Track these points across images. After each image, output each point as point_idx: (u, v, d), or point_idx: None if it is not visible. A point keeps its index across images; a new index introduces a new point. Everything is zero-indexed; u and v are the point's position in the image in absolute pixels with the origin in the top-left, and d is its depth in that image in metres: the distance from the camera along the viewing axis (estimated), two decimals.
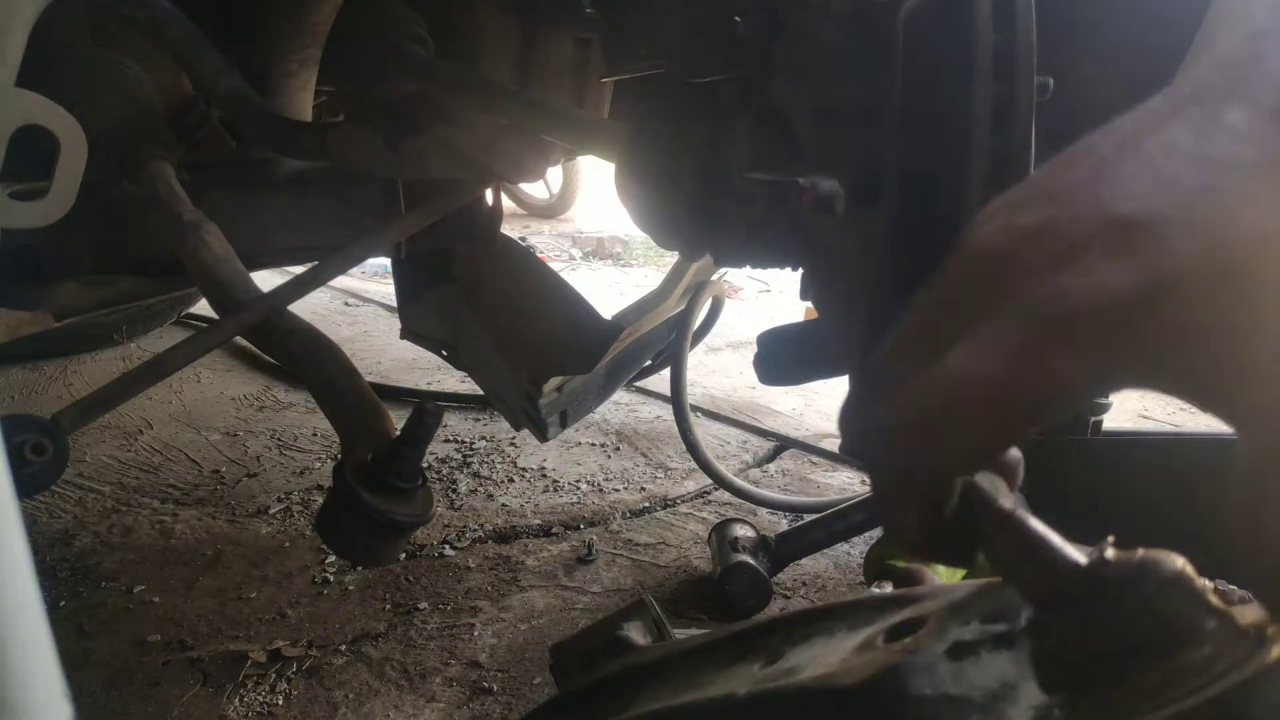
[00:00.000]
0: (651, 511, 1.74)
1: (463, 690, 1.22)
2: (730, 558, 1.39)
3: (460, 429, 2.13)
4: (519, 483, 1.85)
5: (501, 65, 1.19)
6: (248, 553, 1.55)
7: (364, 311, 3.30)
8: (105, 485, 1.80)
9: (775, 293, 3.75)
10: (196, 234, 0.92)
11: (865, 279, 0.62)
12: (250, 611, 1.38)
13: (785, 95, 0.70)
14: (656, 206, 0.79)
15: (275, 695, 1.20)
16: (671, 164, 0.76)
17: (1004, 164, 0.51)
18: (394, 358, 2.69)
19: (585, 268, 4.55)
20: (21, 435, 0.74)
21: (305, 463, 1.93)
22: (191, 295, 2.58)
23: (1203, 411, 0.29)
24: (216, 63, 1.00)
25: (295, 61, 1.12)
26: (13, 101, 0.68)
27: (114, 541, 1.59)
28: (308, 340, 0.88)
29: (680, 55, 0.77)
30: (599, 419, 2.18)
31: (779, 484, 1.89)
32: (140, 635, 1.32)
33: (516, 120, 1.00)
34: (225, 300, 0.89)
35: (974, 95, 0.50)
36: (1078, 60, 0.64)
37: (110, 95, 1.01)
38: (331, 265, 1.11)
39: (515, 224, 5.58)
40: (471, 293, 1.50)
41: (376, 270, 3.72)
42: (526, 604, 1.42)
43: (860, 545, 1.54)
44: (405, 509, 0.76)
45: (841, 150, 0.65)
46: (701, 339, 1.91)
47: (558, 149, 1.10)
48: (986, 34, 0.51)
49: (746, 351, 2.78)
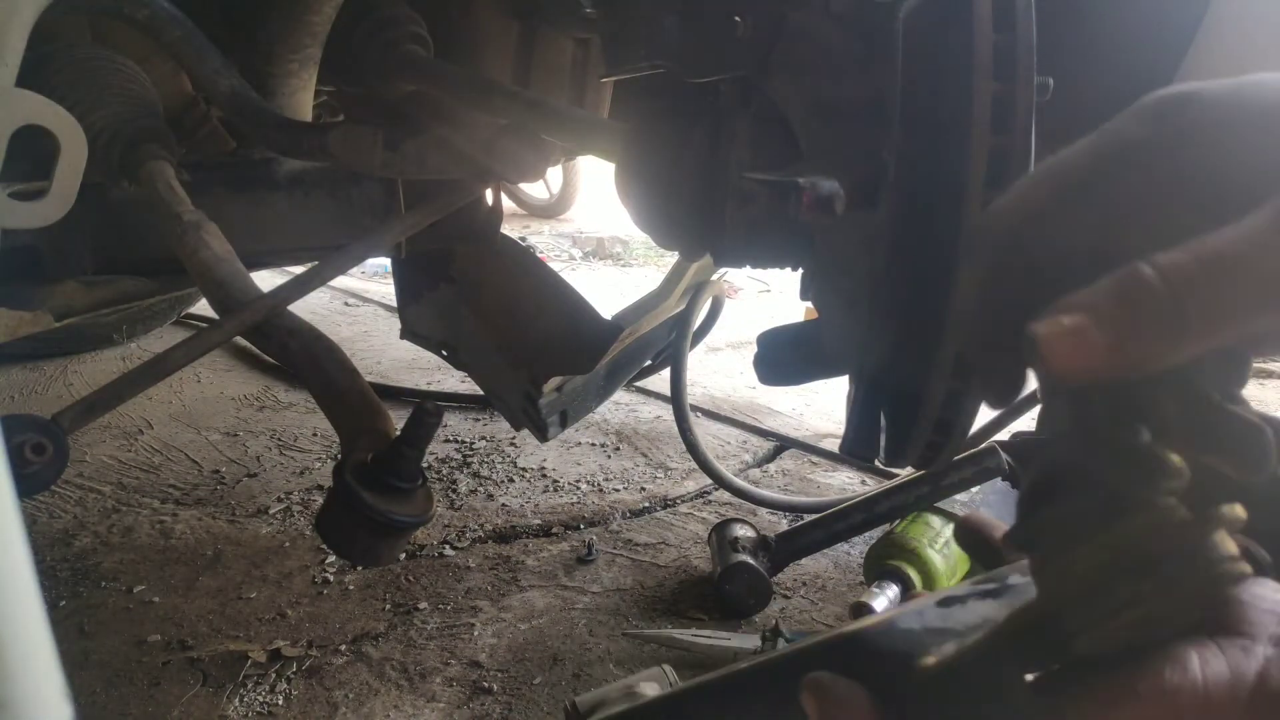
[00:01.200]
0: (651, 511, 1.74)
1: (463, 690, 1.22)
2: (730, 558, 1.39)
3: (460, 429, 2.13)
4: (519, 483, 1.85)
5: (501, 65, 1.19)
6: (248, 553, 1.55)
7: (364, 311, 3.30)
8: (105, 485, 1.80)
9: (775, 293, 3.75)
10: (196, 234, 0.92)
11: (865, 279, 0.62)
12: (250, 611, 1.38)
13: (785, 95, 0.70)
14: (656, 206, 0.79)
15: (275, 695, 1.20)
16: (671, 164, 0.76)
17: (1004, 164, 0.51)
18: (394, 358, 2.69)
19: (585, 268, 4.55)
20: (21, 435, 0.74)
21: (305, 463, 1.93)
22: (191, 295, 2.58)
23: None
24: (216, 63, 1.00)
25: (295, 61, 1.12)
26: (13, 101, 0.68)
27: (114, 541, 1.59)
28: (308, 340, 0.88)
29: (680, 55, 0.77)
30: (599, 419, 2.18)
31: (779, 484, 1.89)
32: (140, 635, 1.32)
33: (516, 120, 1.00)
34: (225, 300, 0.88)
35: (974, 95, 0.50)
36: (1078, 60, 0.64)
37: (110, 95, 1.01)
38: (331, 265, 1.11)
39: (515, 224, 5.58)
40: (471, 293, 1.50)
41: (376, 270, 3.72)
42: (526, 604, 1.42)
43: (860, 545, 1.54)
44: (405, 509, 0.76)
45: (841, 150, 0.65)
46: (701, 339, 1.91)
47: (558, 149, 1.10)
48: (986, 34, 0.51)
49: (746, 351, 2.78)
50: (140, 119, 1.02)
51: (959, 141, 0.51)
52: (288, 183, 1.26)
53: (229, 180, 1.24)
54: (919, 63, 0.55)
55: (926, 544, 1.33)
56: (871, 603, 1.27)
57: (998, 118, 0.50)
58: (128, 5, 0.95)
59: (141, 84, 1.06)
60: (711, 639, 1.26)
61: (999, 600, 0.36)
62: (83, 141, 0.75)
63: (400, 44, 1.11)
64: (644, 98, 1.20)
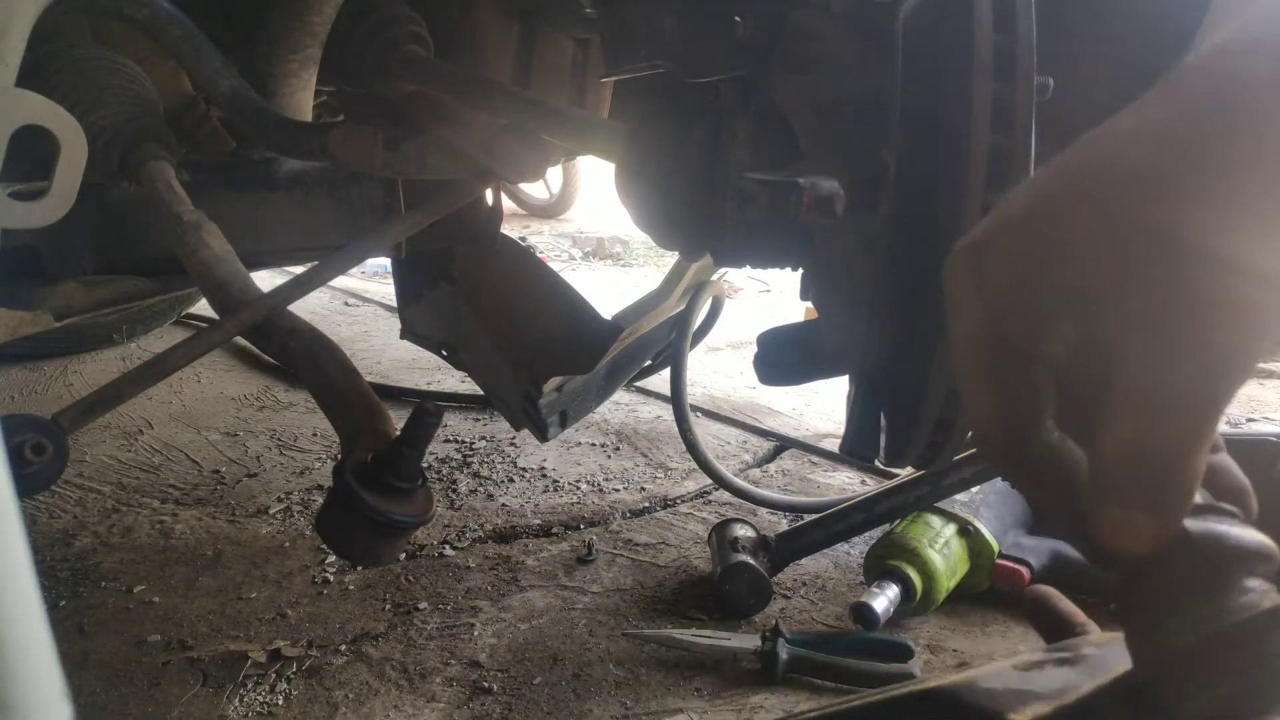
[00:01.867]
0: (651, 511, 1.74)
1: (463, 690, 1.22)
2: (730, 558, 1.38)
3: (460, 429, 2.13)
4: (519, 483, 1.85)
5: (501, 65, 1.19)
6: (248, 553, 1.55)
7: (364, 311, 3.30)
8: (105, 485, 1.80)
9: (775, 293, 3.75)
10: (196, 234, 0.92)
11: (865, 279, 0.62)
12: (250, 611, 1.38)
13: (785, 95, 0.70)
14: (656, 206, 0.79)
15: (275, 695, 1.20)
16: (671, 164, 0.76)
17: (1004, 164, 0.51)
18: (394, 358, 2.69)
19: (585, 268, 4.55)
20: (21, 435, 0.74)
21: (305, 463, 1.93)
22: (191, 295, 2.58)
23: None
24: (216, 63, 1.00)
25: (295, 61, 1.12)
26: (13, 101, 0.68)
27: (114, 541, 1.59)
28: (308, 340, 0.88)
29: (680, 55, 0.77)
30: (599, 419, 2.18)
31: (779, 484, 1.89)
32: (140, 635, 1.32)
33: (516, 120, 1.00)
34: (225, 300, 0.88)
35: (974, 95, 0.50)
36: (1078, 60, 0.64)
37: (110, 95, 1.01)
38: (331, 265, 1.11)
39: (515, 224, 5.57)
40: (471, 293, 1.50)
41: (376, 270, 3.72)
42: (526, 604, 1.42)
43: (860, 545, 1.54)
44: (405, 509, 0.76)
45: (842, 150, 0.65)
46: (701, 339, 1.91)
47: (558, 149, 1.10)
48: (986, 34, 0.51)
49: (746, 351, 2.77)
50: (140, 119, 1.02)
51: (959, 141, 0.51)
52: (288, 183, 1.26)
53: (229, 180, 1.24)
54: (919, 63, 0.55)
55: (926, 544, 1.33)
56: (871, 603, 1.27)
57: (998, 118, 0.50)
58: (128, 5, 0.95)
59: (141, 84, 1.06)
60: (711, 639, 1.26)
61: (1076, 668, 0.37)
62: (83, 141, 0.74)
63: (400, 44, 1.11)
64: (644, 98, 1.20)
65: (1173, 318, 0.30)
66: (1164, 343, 0.30)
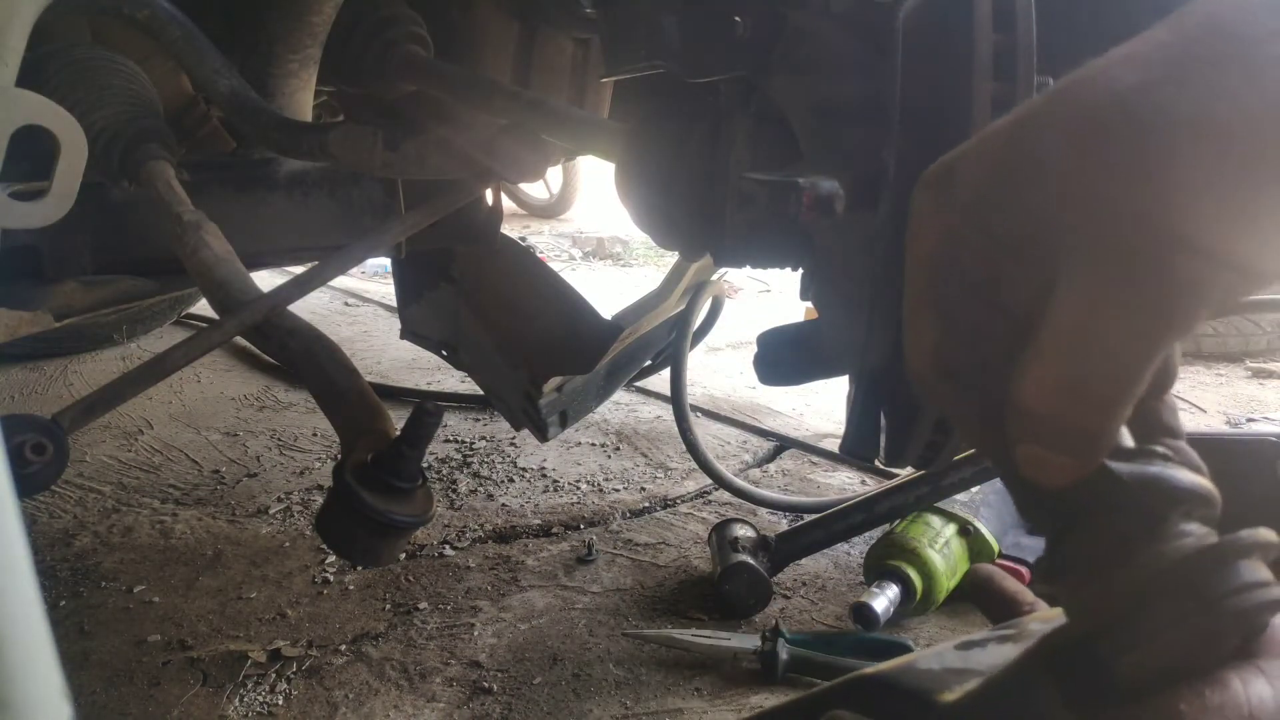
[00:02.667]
0: (651, 511, 1.74)
1: (463, 690, 1.22)
2: (730, 558, 1.38)
3: (460, 429, 2.13)
4: (519, 483, 1.85)
5: (501, 65, 1.19)
6: (248, 553, 1.55)
7: (364, 311, 3.30)
8: (105, 485, 1.80)
9: (775, 293, 3.75)
10: (196, 234, 0.92)
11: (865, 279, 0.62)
12: (250, 611, 1.38)
13: (785, 95, 0.70)
14: (656, 206, 0.79)
15: (275, 695, 1.20)
16: (671, 164, 0.76)
17: None
18: (394, 358, 2.69)
19: (585, 268, 4.55)
20: (21, 435, 0.74)
21: (305, 463, 1.93)
22: (191, 295, 2.58)
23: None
24: (216, 63, 1.00)
25: (295, 61, 1.12)
26: (13, 101, 0.68)
27: (114, 541, 1.59)
28: (308, 340, 0.88)
29: (680, 55, 0.77)
30: (599, 419, 2.18)
31: (779, 484, 1.89)
32: (140, 635, 1.32)
33: (516, 120, 1.00)
34: (225, 300, 0.88)
35: (974, 95, 0.50)
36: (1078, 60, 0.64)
37: (110, 95, 1.01)
38: (331, 265, 1.11)
39: (515, 224, 5.58)
40: (471, 293, 1.50)
41: (376, 270, 3.72)
42: (526, 604, 1.42)
43: (860, 545, 1.54)
44: (405, 509, 0.76)
45: (841, 150, 0.65)
46: (701, 339, 1.91)
47: (558, 149, 1.10)
48: (986, 34, 0.51)
49: (746, 351, 2.78)
50: (140, 119, 1.02)
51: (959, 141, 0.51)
52: (288, 183, 1.26)
53: (229, 180, 1.24)
54: (919, 63, 0.55)
55: (926, 544, 1.33)
56: (871, 603, 1.27)
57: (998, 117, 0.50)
58: (128, 5, 0.95)
59: (141, 84, 1.06)
60: (711, 639, 1.26)
61: (1018, 644, 0.37)
62: (83, 141, 0.74)
63: (400, 44, 1.11)
64: (644, 98, 1.20)
65: (1122, 273, 0.30)
66: (1106, 294, 0.30)
